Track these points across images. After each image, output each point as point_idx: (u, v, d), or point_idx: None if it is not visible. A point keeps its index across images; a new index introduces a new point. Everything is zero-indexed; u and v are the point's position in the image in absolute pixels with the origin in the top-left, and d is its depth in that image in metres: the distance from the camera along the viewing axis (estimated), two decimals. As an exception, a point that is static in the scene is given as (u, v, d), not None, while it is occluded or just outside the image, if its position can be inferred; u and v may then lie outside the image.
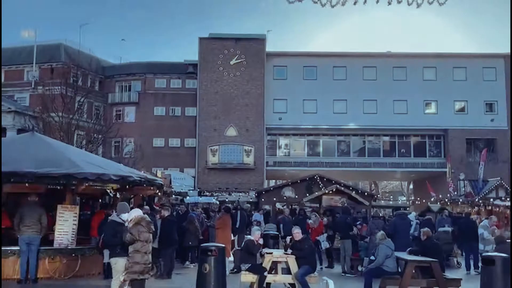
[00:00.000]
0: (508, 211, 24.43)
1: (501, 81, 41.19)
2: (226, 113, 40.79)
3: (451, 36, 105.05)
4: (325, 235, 15.93)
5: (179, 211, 16.86)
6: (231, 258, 13.87)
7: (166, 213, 12.80)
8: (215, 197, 31.83)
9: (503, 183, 31.25)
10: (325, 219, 17.20)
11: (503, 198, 28.98)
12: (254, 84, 41.07)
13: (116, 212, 9.12)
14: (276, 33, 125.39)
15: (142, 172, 18.09)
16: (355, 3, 8.93)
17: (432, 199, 32.51)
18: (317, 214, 17.82)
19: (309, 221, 16.99)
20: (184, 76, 43.77)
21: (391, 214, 28.47)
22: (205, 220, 17.40)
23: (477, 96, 40.81)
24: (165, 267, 12.20)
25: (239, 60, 41.27)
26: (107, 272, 10.73)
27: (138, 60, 53.46)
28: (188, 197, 29.75)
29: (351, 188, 25.28)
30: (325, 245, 15.56)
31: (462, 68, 41.46)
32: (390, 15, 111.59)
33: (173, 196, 25.51)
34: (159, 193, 17.60)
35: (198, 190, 36.44)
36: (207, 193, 34.80)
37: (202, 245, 10.80)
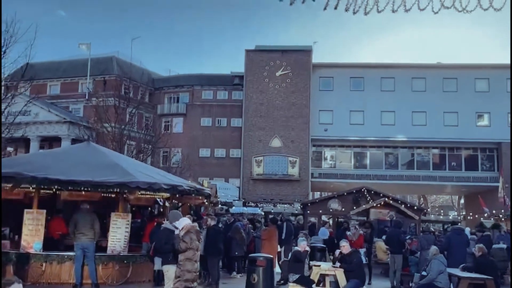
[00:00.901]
0: None
1: (558, 93, 39.50)
2: (271, 124, 40.91)
3: (504, 47, 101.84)
4: (364, 249, 15.55)
5: (227, 221, 16.96)
6: (278, 270, 13.85)
7: (212, 222, 12.89)
8: (260, 208, 31.85)
9: (561, 199, 29.87)
10: (360, 231, 16.53)
11: (560, 215, 27.68)
12: (300, 95, 41.05)
13: (167, 220, 9.28)
14: (323, 44, 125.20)
15: (190, 181, 18.36)
16: (393, 11, 8.82)
17: (485, 215, 31.45)
18: (357, 227, 17.27)
19: (348, 233, 16.67)
20: (230, 87, 44.33)
21: (442, 229, 27.65)
22: (251, 230, 17.44)
23: (533, 108, 39.29)
24: (212, 276, 12.27)
25: (285, 72, 41.40)
26: (157, 279, 10.91)
27: (186, 72, 54.58)
28: (233, 207, 29.91)
29: (399, 201, 24.76)
30: (364, 260, 15.14)
31: (516, 79, 40.06)
32: (439, 25, 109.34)
33: (219, 206, 25.71)
34: (207, 203, 17.78)
35: (243, 200, 36.58)
36: (252, 204, 34.87)
37: (250, 255, 10.87)
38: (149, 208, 16.64)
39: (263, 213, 29.01)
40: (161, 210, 15.13)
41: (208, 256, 12.18)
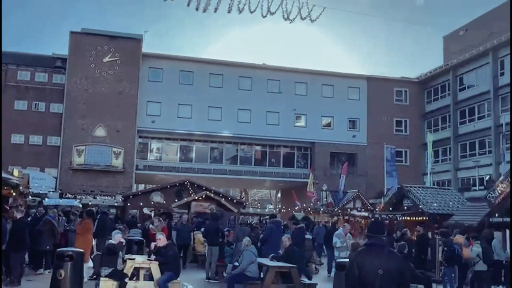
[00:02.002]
0: (363, 221, 26.39)
1: (363, 101, 44.59)
2: (96, 112, 38.94)
3: (329, 54, 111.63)
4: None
5: (37, 214, 15.68)
6: (91, 264, 13.23)
7: (18, 215, 11.84)
8: (78, 200, 30.13)
9: (360, 194, 33.81)
10: (163, 223, 16.42)
11: (359, 209, 31.33)
12: (128, 84, 39.80)
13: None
14: (154, 35, 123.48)
15: (-4, 170, 16.53)
16: (229, 11, 9.06)
17: (296, 208, 34.09)
18: (161, 219, 17.38)
19: (151, 226, 16.35)
20: (51, 70, 41.00)
21: (259, 221, 29.24)
22: (65, 223, 16.41)
23: (342, 113, 43.73)
24: (15, 273, 11.25)
25: (113, 59, 39.76)
26: None
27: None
28: (47, 199, 27.80)
29: (221, 195, 25.55)
30: None
31: (330, 85, 44.15)
32: (272, 27, 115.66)
33: (30, 197, 23.68)
34: (14, 194, 16.24)
35: (60, 191, 34.24)
36: (70, 196, 32.83)
37: (58, 250, 10.16)
38: None
39: (80, 205, 27.50)
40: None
41: (11, 251, 11.27)
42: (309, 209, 33.13)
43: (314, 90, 43.56)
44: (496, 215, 16.75)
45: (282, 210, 38.90)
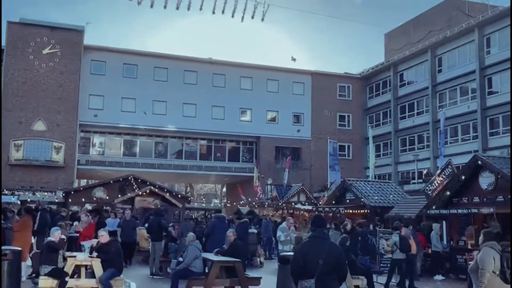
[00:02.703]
0: (307, 214, 26.85)
1: (308, 96, 45.30)
2: (35, 105, 37.53)
3: (274, 49, 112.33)
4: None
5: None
6: (29, 263, 12.83)
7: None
8: (16, 196, 29.03)
9: (304, 188, 34.40)
10: (91, 220, 14.90)
11: (303, 202, 31.87)
12: (69, 77, 38.56)
13: None
14: (97, 27, 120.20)
15: None
16: (177, 8, 9.02)
17: (242, 202, 34.28)
18: (88, 214, 15.67)
19: (76, 224, 15.12)
20: (-14, 61, 39.16)
21: (203, 216, 29.19)
22: (2, 221, 15.77)
23: (287, 107, 44.25)
24: None
25: (53, 50, 38.39)
26: None
27: None
28: (-17, 196, 26.59)
29: (165, 190, 25.34)
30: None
31: (275, 80, 44.55)
32: (218, 21, 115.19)
33: (-37, 194, 22.59)
34: None
35: (-3, 188, 32.84)
36: (7, 192, 31.55)
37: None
38: None
39: (19, 202, 26.53)
40: None
41: None
42: (254, 203, 33.39)
43: (259, 85, 43.83)
44: (433, 207, 17.54)
45: (228, 205, 39.07)
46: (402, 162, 42.06)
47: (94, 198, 25.86)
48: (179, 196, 26.25)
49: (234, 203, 34.99)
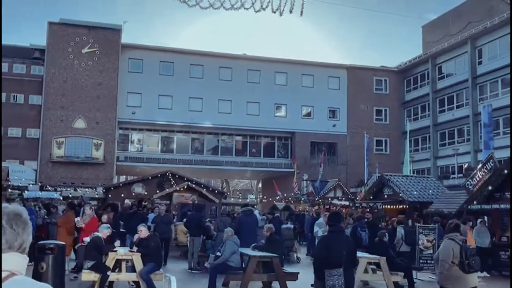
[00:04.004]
0: (344, 210, 26.64)
1: (343, 90, 44.87)
2: (75, 103, 38.56)
3: (309, 44, 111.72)
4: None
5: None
6: (73, 256, 13.18)
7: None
8: (59, 192, 29.91)
9: (340, 183, 34.11)
10: (105, 216, 13.19)
11: (340, 198, 31.63)
12: (107, 76, 39.43)
13: None
14: (134, 26, 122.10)
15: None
16: (212, 6, 9.08)
17: (277, 198, 34.28)
18: (92, 207, 14.11)
19: (77, 219, 13.32)
20: (29, 61, 40.40)
21: (239, 211, 29.35)
22: (45, 216, 16.30)
23: (322, 102, 43.94)
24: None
25: (92, 49, 39.30)
26: None
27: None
28: (27, 192, 27.54)
29: (202, 185, 25.59)
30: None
31: (310, 75, 44.28)
32: (252, 16, 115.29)
33: (10, 190, 23.44)
34: (-7, 187, 16.07)
35: (40, 184, 33.93)
36: (50, 188, 32.55)
37: (39, 242, 10.10)
38: None
39: (61, 198, 27.32)
40: None
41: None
42: (290, 198, 33.34)
43: (294, 80, 43.67)
44: (475, 202, 17.12)
45: (263, 200, 39.14)
46: (441, 156, 41.17)
47: (133, 194, 26.37)
48: (216, 191, 26.47)
49: (270, 199, 35.05)
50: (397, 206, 22.33)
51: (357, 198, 28.12)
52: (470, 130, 37.88)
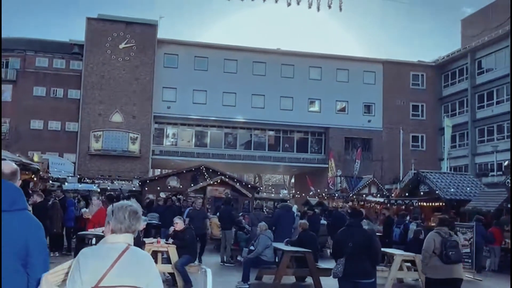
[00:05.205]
0: (379, 207, 26.35)
1: (379, 85, 44.26)
2: (112, 98, 39.35)
3: (343, 38, 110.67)
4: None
5: (55, 198, 15.98)
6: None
7: (38, 199, 12.06)
8: (96, 185, 30.60)
9: (375, 180, 33.69)
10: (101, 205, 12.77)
11: (374, 194, 31.27)
12: (143, 70, 40.05)
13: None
14: (169, 21, 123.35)
15: (17, 155, 16.86)
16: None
17: (310, 193, 34.15)
18: (101, 198, 14.15)
19: (84, 210, 13.70)
20: (68, 56, 41.44)
21: (272, 206, 29.38)
22: (84, 208, 16.70)
23: (357, 97, 43.46)
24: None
25: (129, 45, 39.97)
26: None
27: (18, 35, 49.59)
28: (66, 184, 28.28)
29: (235, 180, 25.74)
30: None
31: (345, 70, 43.86)
32: (285, 11, 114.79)
33: (50, 182, 24.10)
34: (35, 178, 16.56)
35: (78, 176, 34.78)
36: (88, 180, 33.33)
37: (78, 233, 10.38)
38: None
39: (99, 190, 27.93)
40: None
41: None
42: (323, 194, 33.16)
43: (329, 75, 43.34)
44: (514, 200, 16.66)
45: (296, 195, 39.03)
46: (479, 153, 40.19)
47: (169, 187, 26.73)
48: (249, 186, 26.57)
49: (303, 194, 34.90)
50: (433, 204, 21.92)
51: (392, 195, 27.76)
52: (510, 127, 36.82)
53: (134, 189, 29.89)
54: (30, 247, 2.82)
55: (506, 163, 33.91)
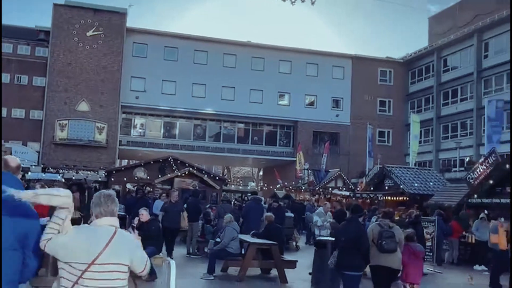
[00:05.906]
0: (344, 200, 26.75)
1: (348, 80, 44.73)
2: (79, 86, 38.56)
3: (314, 32, 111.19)
4: None
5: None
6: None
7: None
8: (61, 175, 30.02)
9: (342, 174, 34.17)
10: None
11: (340, 188, 31.72)
12: (112, 59, 39.36)
13: None
14: (139, 9, 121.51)
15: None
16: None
17: (278, 186, 34.37)
18: (44, 185, 13.03)
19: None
20: (34, 42, 40.30)
21: (240, 198, 29.46)
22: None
23: (326, 92, 43.82)
24: None
25: (97, 33, 39.19)
26: None
27: (-20, 19, 47.95)
28: (30, 173, 27.66)
29: (203, 171, 25.63)
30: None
31: (315, 64, 44.12)
32: (257, 3, 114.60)
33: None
34: (-4, 167, 16.09)
35: (42, 166, 34.06)
36: (52, 170, 32.67)
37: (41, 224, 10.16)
38: None
39: (63, 180, 27.43)
40: None
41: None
42: (290, 187, 33.43)
43: (298, 69, 43.53)
44: (475, 196, 17.15)
45: (264, 188, 39.22)
46: (443, 149, 41.16)
47: (135, 178, 26.42)
48: (217, 178, 26.48)
49: (271, 187, 35.07)
50: (397, 198, 22.38)
51: (358, 189, 28.21)
52: (473, 124, 37.82)
53: (99, 179, 29.47)
54: (29, 233, 3.18)
55: (468, 159, 34.86)
